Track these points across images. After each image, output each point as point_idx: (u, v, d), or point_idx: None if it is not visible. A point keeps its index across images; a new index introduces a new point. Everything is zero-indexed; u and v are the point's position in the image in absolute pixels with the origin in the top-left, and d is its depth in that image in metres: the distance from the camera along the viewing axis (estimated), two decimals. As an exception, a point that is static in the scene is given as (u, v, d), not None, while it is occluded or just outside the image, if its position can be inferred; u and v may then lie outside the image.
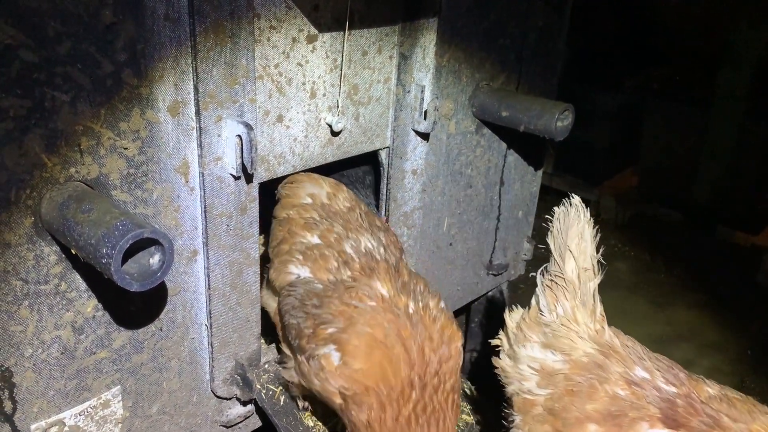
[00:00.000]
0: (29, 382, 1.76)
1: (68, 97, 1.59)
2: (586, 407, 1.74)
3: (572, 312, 1.96)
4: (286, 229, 2.21)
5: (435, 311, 1.95)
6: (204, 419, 2.26)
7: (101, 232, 1.47)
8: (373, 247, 2.11)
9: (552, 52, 3.14)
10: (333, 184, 2.34)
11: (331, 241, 2.12)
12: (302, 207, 2.25)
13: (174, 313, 2.03)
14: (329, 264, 2.05)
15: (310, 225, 2.18)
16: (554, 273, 2.04)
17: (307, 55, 2.12)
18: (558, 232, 2.09)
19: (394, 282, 1.98)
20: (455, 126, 2.78)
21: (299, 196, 2.28)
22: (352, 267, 2.02)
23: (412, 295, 1.96)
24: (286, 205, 2.29)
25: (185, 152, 1.87)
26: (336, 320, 1.87)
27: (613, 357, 1.83)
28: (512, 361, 1.98)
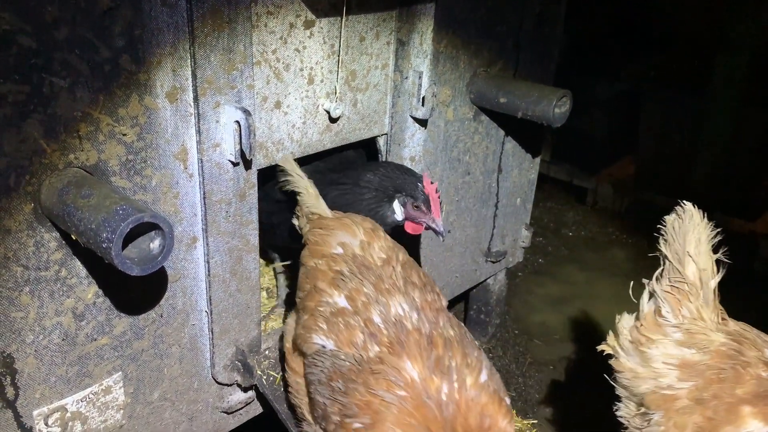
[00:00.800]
0: (31, 368, 1.76)
1: (66, 83, 1.59)
2: (736, 392, 1.85)
3: (697, 311, 2.06)
4: (312, 282, 1.99)
5: (473, 391, 1.69)
6: (205, 405, 2.27)
7: (101, 216, 1.48)
8: (404, 314, 1.85)
9: (549, 39, 3.14)
10: (368, 230, 2.09)
11: (358, 307, 1.87)
12: (332, 258, 2.00)
13: (174, 300, 2.03)
14: (355, 337, 1.82)
15: (338, 282, 1.93)
16: (674, 279, 2.11)
17: (305, 41, 2.12)
18: (673, 240, 2.16)
19: (425, 359, 1.73)
20: (453, 113, 2.78)
21: (329, 244, 2.04)
22: (380, 341, 1.78)
23: (447, 374, 1.70)
24: (315, 253, 2.05)
25: (184, 138, 1.87)
26: (362, 415, 1.68)
27: (745, 343, 1.95)
28: (642, 362, 2.05)
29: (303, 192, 2.19)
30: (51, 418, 1.85)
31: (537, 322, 4.26)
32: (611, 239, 5.38)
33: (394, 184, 2.36)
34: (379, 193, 2.38)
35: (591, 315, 4.36)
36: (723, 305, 2.26)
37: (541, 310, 4.38)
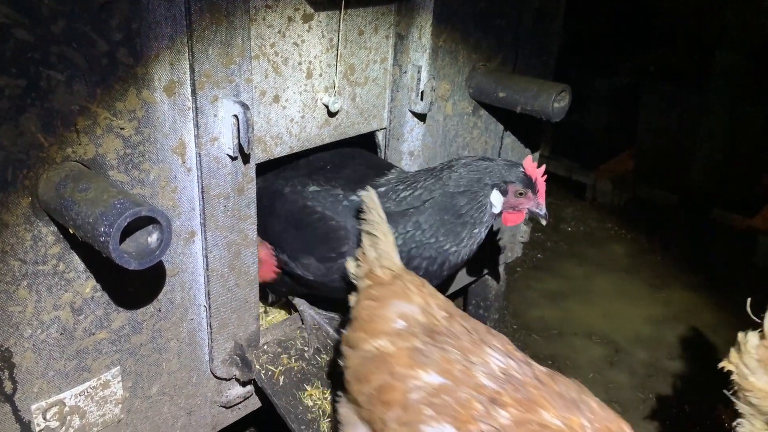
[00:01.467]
0: (29, 363, 1.76)
1: (64, 77, 1.59)
2: None
3: None
4: (384, 369, 1.67)
5: (601, 412, 1.58)
6: (204, 400, 2.27)
7: (99, 210, 1.47)
8: (503, 364, 1.64)
9: (548, 34, 3.13)
10: (419, 287, 1.84)
11: (458, 377, 1.60)
12: (397, 335, 1.71)
13: (172, 294, 2.03)
14: (473, 410, 1.54)
15: (419, 359, 1.64)
16: None
17: (303, 35, 2.11)
18: None
19: (553, 401, 1.56)
20: (452, 107, 2.77)
21: (387, 319, 1.75)
22: (503, 403, 1.55)
23: (576, 407, 1.56)
24: (371, 332, 1.76)
25: (182, 132, 1.87)
26: None
27: None
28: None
29: (380, 238, 1.91)
30: (49, 412, 1.85)
31: (536, 316, 4.27)
32: (610, 234, 5.39)
33: (489, 175, 2.12)
34: (474, 191, 2.12)
35: (590, 310, 4.37)
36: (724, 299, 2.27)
37: (539, 305, 4.39)
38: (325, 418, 2.23)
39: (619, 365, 3.85)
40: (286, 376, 2.30)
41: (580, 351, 3.96)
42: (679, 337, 4.12)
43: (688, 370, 3.84)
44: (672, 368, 3.85)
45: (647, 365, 3.86)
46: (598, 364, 3.85)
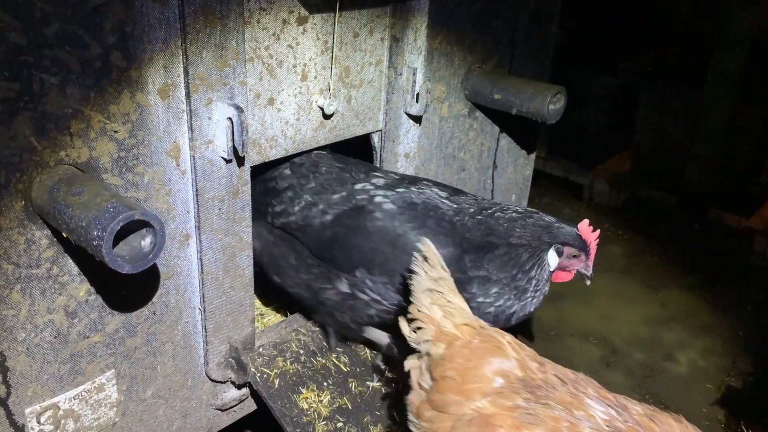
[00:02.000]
0: (23, 366, 1.76)
1: (57, 80, 1.58)
2: None
3: None
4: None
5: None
6: (199, 403, 2.27)
7: (92, 214, 1.47)
8: (606, 415, 1.55)
9: (544, 35, 3.13)
10: (512, 341, 1.73)
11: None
12: (497, 394, 1.59)
13: (167, 297, 2.03)
14: None
15: (525, 419, 1.53)
16: None
17: (298, 37, 2.11)
18: None
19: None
20: (448, 109, 2.77)
21: (484, 378, 1.63)
22: None
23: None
24: (468, 393, 1.62)
25: (176, 135, 1.86)
26: None
27: None
28: None
29: (447, 294, 1.76)
30: (43, 416, 1.84)
31: (533, 317, 4.27)
32: (607, 235, 5.39)
33: (549, 234, 2.13)
34: (534, 248, 2.12)
35: (587, 311, 4.37)
36: (720, 299, 2.26)
37: (536, 306, 4.38)
38: (320, 420, 2.22)
39: (615, 366, 3.85)
40: (281, 379, 2.29)
41: (577, 352, 3.96)
42: (676, 337, 4.13)
43: (685, 370, 3.84)
44: (669, 369, 3.85)
45: (644, 366, 3.86)
46: (595, 364, 3.86)
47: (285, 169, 2.45)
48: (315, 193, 2.34)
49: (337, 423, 2.24)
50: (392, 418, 2.31)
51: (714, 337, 4.14)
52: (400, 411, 2.17)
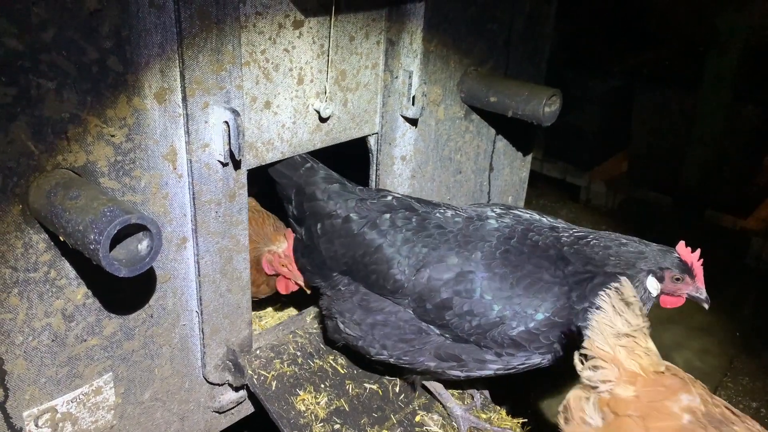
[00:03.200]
0: (21, 370, 1.76)
1: (54, 85, 1.59)
2: None
3: None
4: None
5: None
6: (197, 405, 2.28)
7: (89, 218, 1.48)
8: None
9: (540, 37, 3.14)
10: (690, 378, 1.68)
11: None
12: (684, 431, 1.57)
13: (164, 300, 2.03)
14: None
15: None
16: None
17: (294, 41, 2.12)
18: None
19: None
20: (444, 112, 2.78)
21: (673, 415, 1.59)
22: None
23: None
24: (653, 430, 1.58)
25: (172, 139, 1.87)
26: None
27: None
28: None
29: (639, 340, 1.67)
30: (41, 419, 1.85)
31: (530, 319, 4.27)
32: (604, 236, 5.39)
33: (644, 260, 2.08)
34: (629, 276, 2.04)
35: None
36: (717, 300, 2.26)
37: (533, 308, 4.39)
38: (317, 422, 2.23)
39: (612, 367, 3.86)
40: (278, 381, 2.30)
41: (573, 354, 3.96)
42: (673, 338, 4.14)
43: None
44: (665, 370, 3.86)
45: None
46: (592, 366, 3.86)
47: None
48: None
49: (334, 425, 2.25)
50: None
51: (710, 337, 4.15)
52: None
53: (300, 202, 2.38)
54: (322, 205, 2.32)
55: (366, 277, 2.21)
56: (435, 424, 2.36)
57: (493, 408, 2.51)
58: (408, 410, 2.39)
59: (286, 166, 2.39)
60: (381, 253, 2.18)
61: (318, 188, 2.34)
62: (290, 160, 2.37)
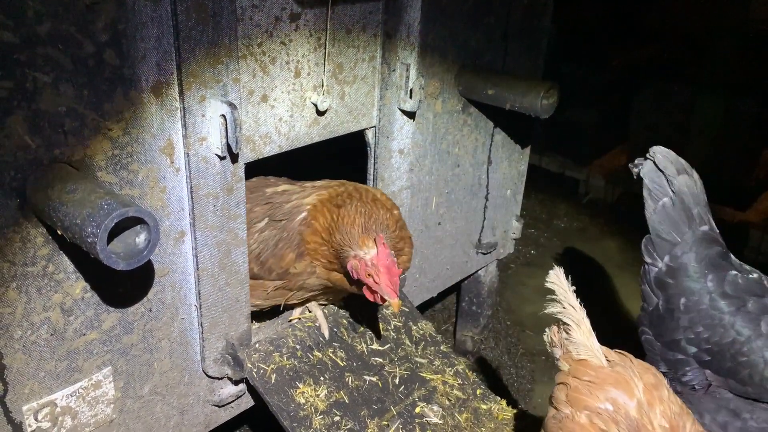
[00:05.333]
0: (19, 364, 1.77)
1: (50, 78, 1.59)
2: None
3: None
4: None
5: None
6: (196, 399, 2.28)
7: (86, 211, 1.48)
8: None
9: (537, 30, 3.14)
10: (650, 387, 1.79)
11: None
12: (596, 413, 1.74)
13: (163, 294, 2.04)
14: None
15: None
16: None
17: (290, 34, 2.12)
18: None
19: None
20: (441, 105, 2.78)
21: (596, 397, 1.78)
22: None
23: None
24: (574, 401, 1.80)
25: (170, 133, 1.87)
26: None
27: None
28: None
29: (573, 328, 1.91)
30: (41, 413, 1.85)
31: (529, 313, 4.28)
32: (603, 230, 5.40)
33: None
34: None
35: (582, 305, 4.38)
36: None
37: (533, 301, 4.40)
38: (317, 414, 2.24)
39: (612, 360, 3.87)
40: (278, 374, 2.30)
41: (573, 346, 3.97)
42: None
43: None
44: (664, 362, 3.87)
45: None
46: (591, 359, 3.87)
47: None
48: None
49: (334, 417, 2.26)
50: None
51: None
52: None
53: (671, 269, 2.17)
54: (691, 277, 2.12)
55: (734, 371, 1.97)
56: (435, 415, 2.37)
57: (493, 399, 2.51)
58: (408, 402, 2.40)
59: (672, 223, 2.23)
60: (752, 344, 1.96)
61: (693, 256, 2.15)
62: (676, 212, 2.20)
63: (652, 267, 2.25)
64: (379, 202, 2.29)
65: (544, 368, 3.79)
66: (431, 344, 2.67)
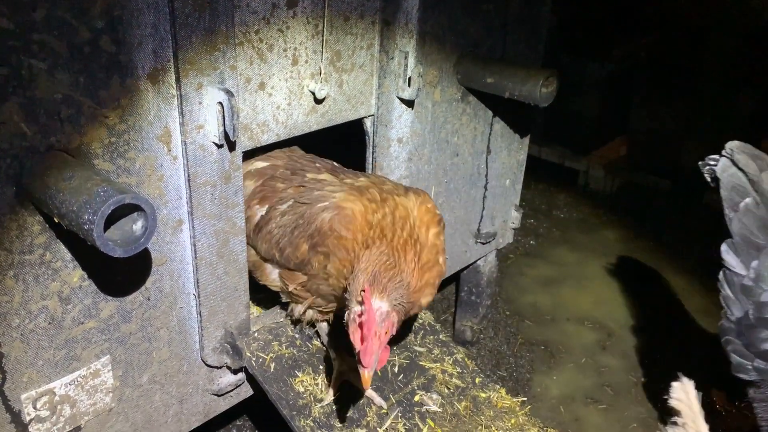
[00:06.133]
0: (18, 352, 1.76)
1: (46, 65, 1.58)
2: None
3: None
4: None
5: None
6: (195, 388, 2.28)
7: (83, 198, 1.47)
8: None
9: (537, 19, 3.12)
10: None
11: None
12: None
13: (161, 283, 2.03)
14: None
15: None
16: None
17: (288, 21, 2.10)
18: None
19: None
20: (440, 93, 2.77)
21: None
22: None
23: None
24: None
25: (167, 120, 1.86)
26: None
27: None
28: None
29: None
30: (39, 401, 1.85)
31: (528, 302, 4.28)
32: (602, 221, 5.40)
33: None
34: None
35: (582, 295, 4.38)
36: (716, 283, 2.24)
37: (532, 291, 4.40)
38: (316, 403, 2.24)
39: (611, 349, 3.87)
40: (277, 363, 2.30)
41: (572, 336, 3.97)
42: (671, 321, 4.14)
43: (680, 353, 3.86)
44: (664, 352, 3.87)
45: (639, 349, 3.88)
46: (591, 348, 3.87)
47: None
48: None
49: (333, 405, 2.25)
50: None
51: (710, 319, 4.15)
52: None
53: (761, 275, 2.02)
54: None
55: None
56: (434, 403, 2.37)
57: (492, 387, 2.51)
58: (407, 390, 2.40)
59: (759, 225, 2.08)
60: None
61: None
62: (762, 213, 2.04)
63: (736, 273, 2.10)
64: (412, 248, 2.06)
65: (542, 358, 3.80)
66: (430, 333, 2.67)
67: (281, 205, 2.24)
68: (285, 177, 2.36)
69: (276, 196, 2.30)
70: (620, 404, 3.46)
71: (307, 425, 2.17)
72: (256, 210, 2.31)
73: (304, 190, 2.24)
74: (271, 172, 2.41)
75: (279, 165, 2.44)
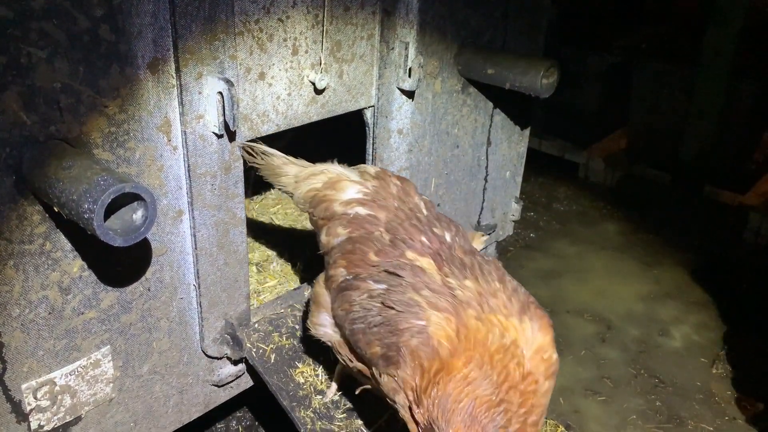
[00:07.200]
0: (18, 342, 1.76)
1: (45, 54, 1.57)
2: None
3: None
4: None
5: None
6: (195, 379, 2.28)
7: (83, 187, 1.47)
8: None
9: (537, 10, 3.11)
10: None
11: None
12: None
13: (161, 274, 2.03)
14: None
15: None
16: None
17: (288, 11, 2.09)
18: None
19: None
20: (441, 84, 2.76)
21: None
22: None
23: None
24: None
25: (166, 110, 1.85)
26: None
27: None
28: None
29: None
30: (40, 391, 1.85)
31: (528, 295, 4.28)
32: (602, 213, 5.40)
33: None
34: None
35: (582, 288, 4.39)
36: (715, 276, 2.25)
37: (532, 284, 4.40)
38: (316, 394, 2.24)
39: (611, 342, 3.88)
40: (277, 354, 2.30)
41: (572, 328, 3.98)
42: (671, 313, 4.15)
43: (679, 345, 3.87)
44: (663, 344, 3.88)
45: (639, 341, 3.89)
46: (591, 340, 3.88)
47: None
48: None
49: (333, 396, 2.26)
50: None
51: (708, 312, 4.16)
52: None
53: None
54: None
55: None
56: (433, 395, 2.37)
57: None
58: (406, 382, 2.40)
59: None
60: None
61: None
62: None
63: None
64: (527, 369, 1.74)
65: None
66: (430, 325, 2.67)
67: (370, 281, 1.85)
68: (381, 246, 1.90)
69: (365, 270, 1.88)
70: (619, 396, 3.47)
71: (307, 416, 2.17)
72: (341, 272, 1.95)
73: (397, 286, 1.79)
74: (368, 228, 1.98)
75: (381, 219, 1.99)
